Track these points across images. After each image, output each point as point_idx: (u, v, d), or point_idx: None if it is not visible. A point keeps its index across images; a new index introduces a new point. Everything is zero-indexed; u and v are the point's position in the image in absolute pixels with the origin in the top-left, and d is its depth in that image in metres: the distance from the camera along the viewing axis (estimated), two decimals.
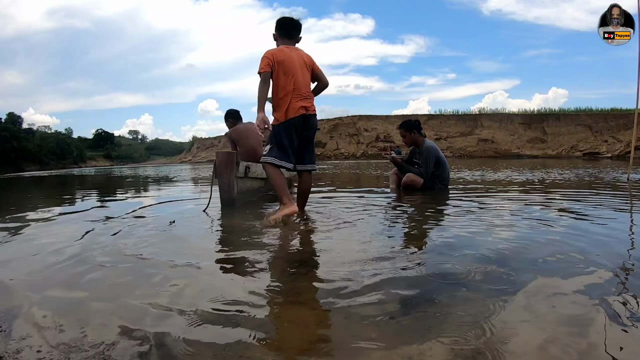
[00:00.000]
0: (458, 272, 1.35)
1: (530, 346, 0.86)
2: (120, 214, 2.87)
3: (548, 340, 0.88)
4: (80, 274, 1.42)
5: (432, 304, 1.09)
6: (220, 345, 0.89)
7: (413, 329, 0.95)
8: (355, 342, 0.89)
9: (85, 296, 1.21)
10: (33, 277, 1.41)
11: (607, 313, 0.99)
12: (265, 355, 0.85)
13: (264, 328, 0.97)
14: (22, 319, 1.04)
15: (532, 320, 0.97)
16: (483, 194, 3.72)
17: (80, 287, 1.29)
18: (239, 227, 2.29)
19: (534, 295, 1.13)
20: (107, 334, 0.94)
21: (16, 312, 1.08)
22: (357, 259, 1.52)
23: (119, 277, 1.39)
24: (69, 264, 1.55)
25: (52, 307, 1.11)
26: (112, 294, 1.23)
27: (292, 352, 0.87)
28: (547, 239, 1.78)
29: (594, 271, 1.32)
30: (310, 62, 2.47)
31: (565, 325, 0.95)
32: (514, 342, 0.87)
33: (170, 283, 1.31)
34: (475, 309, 1.04)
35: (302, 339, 0.93)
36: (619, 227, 2.13)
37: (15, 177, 15.21)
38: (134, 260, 1.59)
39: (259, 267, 1.53)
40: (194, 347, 0.88)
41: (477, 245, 1.71)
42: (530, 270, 1.34)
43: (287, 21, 2.52)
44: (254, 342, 0.90)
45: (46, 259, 1.63)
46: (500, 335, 0.90)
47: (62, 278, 1.39)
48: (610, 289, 1.17)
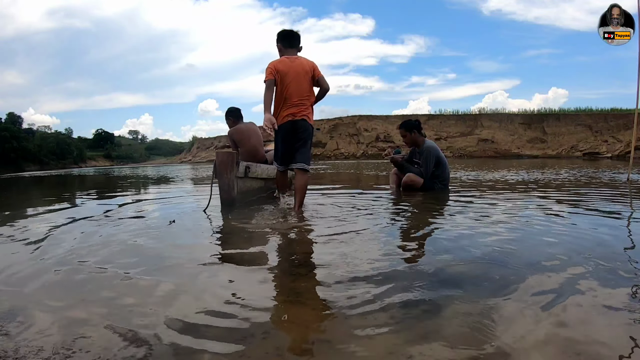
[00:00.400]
0: (458, 272, 1.35)
1: (531, 345, 0.86)
2: (120, 215, 2.87)
3: (548, 340, 0.88)
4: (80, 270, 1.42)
5: (433, 304, 1.09)
6: (220, 345, 0.89)
7: (413, 329, 0.95)
8: (355, 342, 0.90)
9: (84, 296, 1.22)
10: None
11: (607, 313, 0.99)
12: (266, 355, 0.85)
13: (263, 328, 0.97)
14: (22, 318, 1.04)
15: (533, 319, 0.97)
16: (483, 193, 3.72)
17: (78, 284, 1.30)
18: (239, 227, 2.29)
19: (534, 294, 1.13)
20: (106, 333, 0.94)
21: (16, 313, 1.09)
22: (357, 258, 1.52)
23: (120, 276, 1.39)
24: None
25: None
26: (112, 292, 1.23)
27: (292, 352, 0.87)
28: (548, 238, 1.78)
29: (593, 271, 1.32)
30: (310, 69, 2.67)
31: (565, 324, 0.95)
32: (514, 342, 0.87)
33: (170, 282, 1.31)
34: (476, 308, 1.04)
35: (302, 339, 0.93)
36: (614, 229, 2.13)
37: (14, 177, 15.21)
38: (136, 255, 1.59)
39: (258, 267, 1.53)
40: (194, 346, 0.88)
41: (477, 244, 1.71)
42: (530, 270, 1.34)
43: (288, 33, 2.79)
44: (253, 342, 0.90)
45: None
46: (501, 334, 0.90)
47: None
48: (611, 288, 1.17)
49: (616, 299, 1.09)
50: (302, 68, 2.64)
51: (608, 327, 0.93)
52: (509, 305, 1.07)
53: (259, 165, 3.55)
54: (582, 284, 1.21)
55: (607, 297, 1.10)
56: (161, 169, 19.05)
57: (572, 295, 1.12)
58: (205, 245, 1.94)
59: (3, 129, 33.88)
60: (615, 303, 1.06)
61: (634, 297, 1.11)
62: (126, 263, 1.55)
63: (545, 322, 0.96)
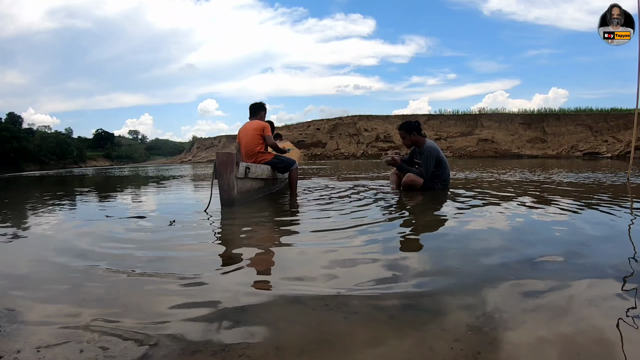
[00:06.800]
0: (458, 271, 1.35)
1: (530, 345, 0.86)
2: (121, 215, 2.87)
3: (548, 339, 0.88)
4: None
5: (432, 303, 1.09)
6: (220, 345, 0.89)
7: (413, 329, 0.95)
8: (355, 342, 0.90)
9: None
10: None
11: (607, 312, 1.00)
12: (265, 355, 0.85)
13: (263, 328, 0.97)
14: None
15: (533, 319, 0.97)
16: (482, 194, 3.72)
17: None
18: (238, 227, 2.29)
19: (534, 294, 1.13)
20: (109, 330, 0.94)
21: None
22: (357, 258, 1.52)
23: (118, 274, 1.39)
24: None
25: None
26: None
27: (292, 352, 0.87)
28: (547, 239, 1.78)
29: (593, 270, 1.32)
30: (259, 129, 3.72)
31: (565, 324, 0.95)
32: (514, 341, 0.87)
33: (167, 282, 1.31)
34: (476, 308, 1.04)
35: (302, 338, 0.93)
36: (610, 226, 2.13)
37: (14, 177, 15.21)
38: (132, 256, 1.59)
39: (258, 266, 1.53)
40: (194, 346, 0.88)
41: (477, 244, 1.71)
42: (530, 269, 1.34)
43: (250, 106, 3.98)
44: (253, 342, 0.90)
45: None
46: (500, 333, 0.90)
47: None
48: (611, 288, 1.17)
49: (616, 299, 1.09)
50: (253, 128, 3.75)
51: (608, 327, 0.93)
52: (509, 305, 1.07)
53: (258, 166, 3.55)
54: (582, 283, 1.21)
55: (607, 297, 1.10)
56: (161, 169, 19.04)
57: (571, 295, 1.12)
58: (204, 244, 1.94)
59: (3, 129, 33.80)
60: (615, 303, 1.06)
61: (635, 296, 1.11)
62: (125, 264, 1.55)
63: (545, 321, 0.96)
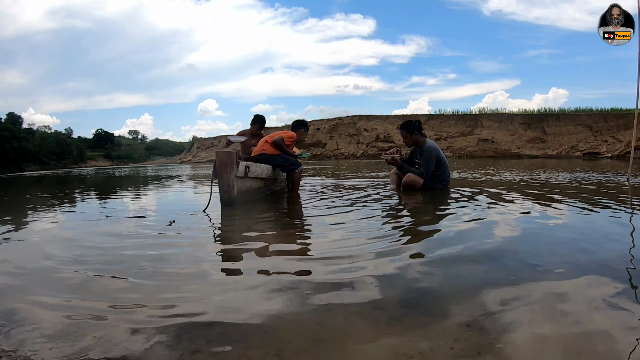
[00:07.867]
0: (458, 271, 1.35)
1: (530, 345, 0.86)
2: (121, 215, 2.87)
3: (548, 339, 0.88)
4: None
5: (432, 303, 1.09)
6: (220, 344, 0.89)
7: (413, 329, 0.95)
8: (355, 342, 0.89)
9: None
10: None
11: (607, 311, 0.99)
12: (265, 355, 0.85)
13: (263, 328, 0.97)
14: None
15: (533, 319, 0.97)
16: (482, 194, 3.72)
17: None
18: (238, 227, 2.29)
19: (534, 294, 1.13)
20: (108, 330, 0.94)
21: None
22: (357, 258, 1.52)
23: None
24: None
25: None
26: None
27: (292, 352, 0.87)
28: (547, 239, 1.78)
29: (593, 269, 1.32)
30: (291, 136, 4.02)
31: (565, 324, 0.95)
32: (514, 341, 0.87)
33: (168, 281, 1.31)
34: (476, 308, 1.04)
35: (302, 339, 0.93)
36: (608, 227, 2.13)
37: (14, 176, 15.21)
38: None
39: (258, 266, 1.52)
40: (194, 346, 0.88)
41: (477, 244, 1.71)
42: (530, 269, 1.34)
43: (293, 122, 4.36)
44: (253, 342, 0.90)
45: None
46: (500, 333, 0.90)
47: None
48: (611, 287, 1.17)
49: (617, 299, 1.09)
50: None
51: (608, 327, 0.93)
52: (509, 304, 1.06)
53: (259, 165, 3.55)
54: (582, 283, 1.21)
55: (608, 297, 1.10)
56: (161, 168, 19.03)
57: (572, 295, 1.12)
58: (203, 244, 1.94)
59: (3, 129, 33.79)
60: (616, 302, 1.06)
61: (636, 296, 1.11)
62: (126, 263, 1.55)
63: (545, 321, 0.96)
